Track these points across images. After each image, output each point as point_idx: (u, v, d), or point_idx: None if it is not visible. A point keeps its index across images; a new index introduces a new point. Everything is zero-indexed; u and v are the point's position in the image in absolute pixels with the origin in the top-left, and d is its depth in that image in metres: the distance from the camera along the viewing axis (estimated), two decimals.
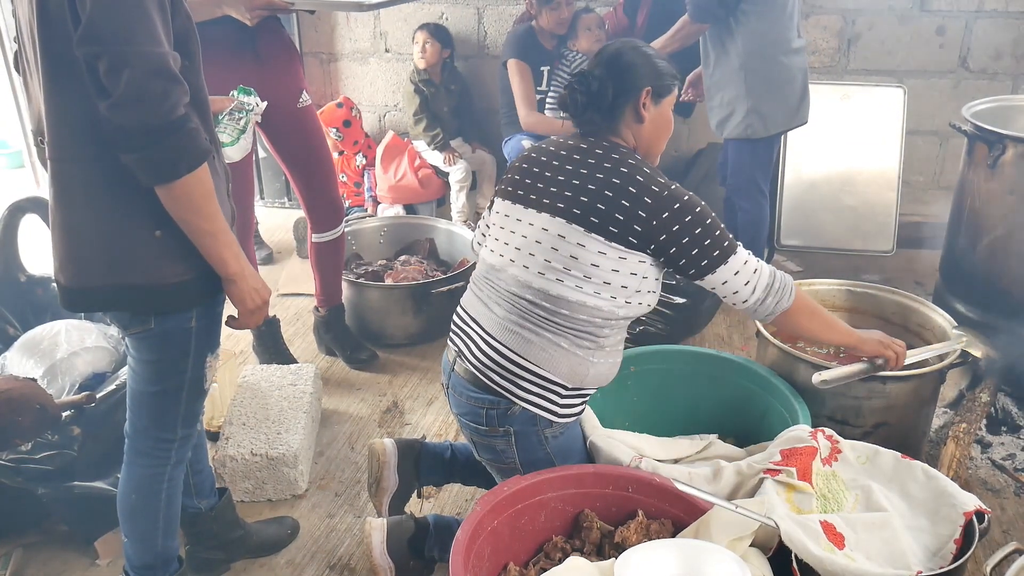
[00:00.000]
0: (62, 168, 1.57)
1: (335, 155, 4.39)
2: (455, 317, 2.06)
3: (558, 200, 1.88)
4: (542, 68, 3.85)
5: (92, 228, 1.59)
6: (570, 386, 1.91)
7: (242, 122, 2.56)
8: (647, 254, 1.85)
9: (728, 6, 3.09)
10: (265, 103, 2.51)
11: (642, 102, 1.91)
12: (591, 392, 1.99)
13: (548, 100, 3.86)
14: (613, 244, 1.83)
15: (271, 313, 3.14)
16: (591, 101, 1.92)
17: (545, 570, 1.69)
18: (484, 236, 2.10)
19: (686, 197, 1.84)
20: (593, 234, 1.83)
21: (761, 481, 1.87)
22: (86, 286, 1.63)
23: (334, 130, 4.34)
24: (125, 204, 1.58)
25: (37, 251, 2.93)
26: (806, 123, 3.33)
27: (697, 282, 1.90)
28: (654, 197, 1.82)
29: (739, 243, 1.90)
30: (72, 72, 1.48)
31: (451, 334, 2.06)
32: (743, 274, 1.88)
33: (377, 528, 2.05)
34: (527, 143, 3.76)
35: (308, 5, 2.88)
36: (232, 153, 2.53)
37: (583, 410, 2.01)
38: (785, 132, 3.36)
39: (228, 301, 1.76)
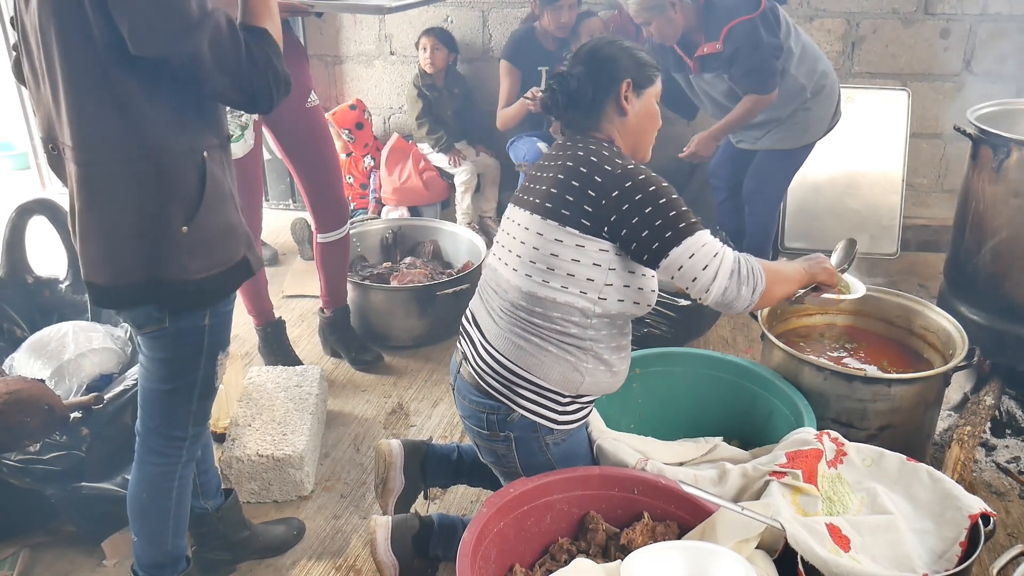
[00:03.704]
0: (93, 172, 1.59)
1: (344, 157, 4.40)
2: (463, 320, 2.07)
3: (531, 195, 1.89)
4: (540, 68, 3.87)
5: (125, 228, 1.61)
6: (566, 394, 1.90)
7: (243, 118, 2.60)
8: (605, 240, 1.79)
9: (779, 55, 3.10)
10: None
11: (623, 95, 1.88)
12: (593, 399, 1.98)
13: None
14: (568, 229, 1.79)
15: (277, 315, 3.15)
16: (572, 100, 1.91)
17: (551, 572, 1.70)
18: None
19: (641, 176, 1.78)
20: (549, 220, 1.81)
21: (767, 483, 1.88)
22: (122, 284, 1.65)
23: (346, 132, 4.35)
24: (154, 202, 1.61)
25: (44, 253, 2.95)
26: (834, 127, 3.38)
27: (656, 270, 1.80)
28: (605, 176, 1.78)
29: (703, 228, 1.78)
30: (100, 78, 1.51)
31: (459, 336, 2.06)
32: (700, 257, 1.75)
33: (382, 525, 2.06)
34: (542, 146, 3.79)
35: (328, 8, 2.88)
36: (236, 149, 2.56)
37: (586, 416, 2.00)
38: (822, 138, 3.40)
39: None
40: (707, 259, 1.76)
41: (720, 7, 3.06)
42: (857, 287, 2.16)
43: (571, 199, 1.79)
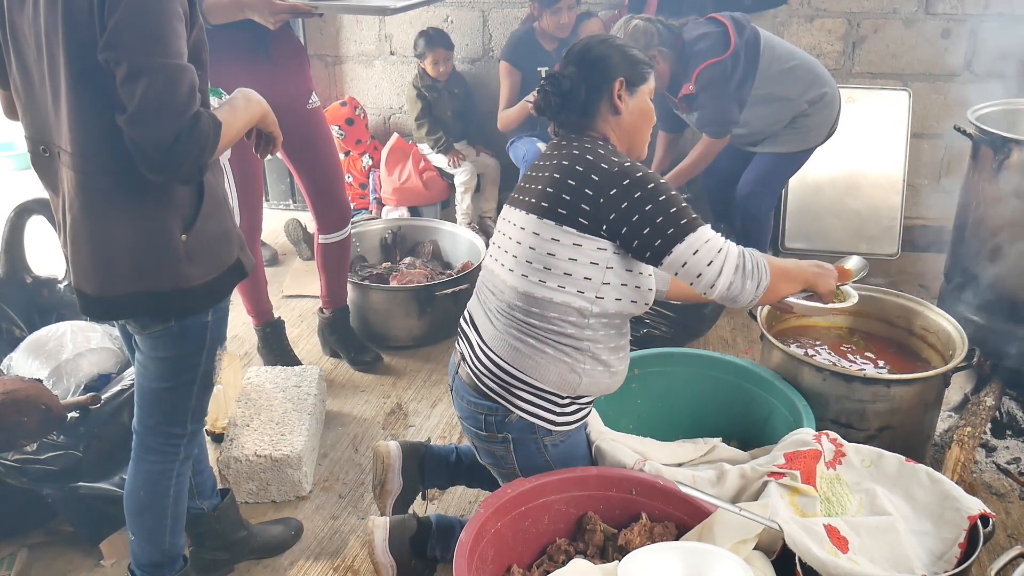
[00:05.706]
0: (89, 180, 1.59)
1: (342, 156, 4.40)
2: (461, 320, 2.06)
3: (526, 195, 1.88)
4: (539, 69, 3.87)
5: (121, 238, 1.61)
6: (564, 395, 1.89)
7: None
8: (603, 238, 1.78)
9: (743, 102, 3.13)
10: None
11: (617, 94, 1.87)
12: (592, 400, 1.97)
13: None
14: (565, 228, 1.78)
15: (276, 315, 3.15)
16: (565, 101, 1.90)
17: (548, 572, 1.69)
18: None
19: (639, 174, 1.76)
20: (545, 220, 1.80)
21: (765, 484, 1.87)
22: (113, 295, 1.65)
23: (336, 127, 4.35)
24: (153, 212, 1.61)
25: (43, 252, 2.95)
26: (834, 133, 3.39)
27: (659, 268, 1.79)
28: (602, 174, 1.77)
29: (704, 224, 1.77)
30: (103, 88, 1.49)
31: (457, 337, 2.06)
32: (704, 254, 1.74)
33: (380, 526, 2.05)
34: (542, 146, 3.79)
35: (330, 9, 2.88)
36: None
37: (585, 417, 2.00)
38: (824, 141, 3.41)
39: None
40: (711, 255, 1.75)
41: (694, 51, 3.13)
42: (850, 296, 2.14)
43: (568, 198, 1.78)
